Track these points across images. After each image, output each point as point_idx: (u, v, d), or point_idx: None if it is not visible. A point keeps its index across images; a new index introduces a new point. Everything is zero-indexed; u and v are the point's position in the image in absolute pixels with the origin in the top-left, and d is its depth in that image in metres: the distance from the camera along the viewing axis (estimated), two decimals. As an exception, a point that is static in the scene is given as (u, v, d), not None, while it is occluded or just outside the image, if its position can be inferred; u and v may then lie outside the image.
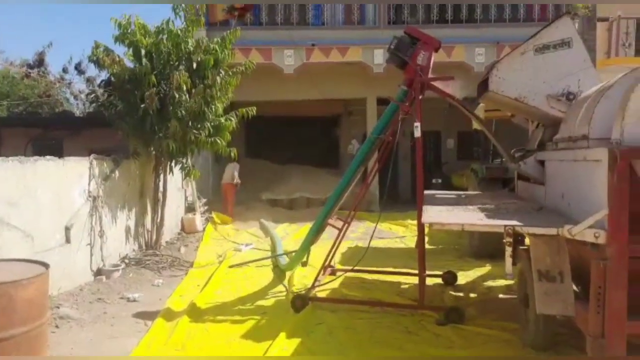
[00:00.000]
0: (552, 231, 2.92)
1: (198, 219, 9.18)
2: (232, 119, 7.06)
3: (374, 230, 5.55)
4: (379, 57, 10.10)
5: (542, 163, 4.27)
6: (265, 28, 10.95)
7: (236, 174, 10.23)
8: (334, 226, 5.29)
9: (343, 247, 7.21)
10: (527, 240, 3.86)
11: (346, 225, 5.19)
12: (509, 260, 3.07)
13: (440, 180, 13.12)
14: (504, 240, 3.05)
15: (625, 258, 2.69)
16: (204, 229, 9.16)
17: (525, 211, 3.78)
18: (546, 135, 4.39)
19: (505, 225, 3.00)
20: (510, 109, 5.03)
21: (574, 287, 3.29)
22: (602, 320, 2.74)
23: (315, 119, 15.21)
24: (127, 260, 6.53)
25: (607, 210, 2.69)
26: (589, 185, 3.02)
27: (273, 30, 10.84)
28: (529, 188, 4.70)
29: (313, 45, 10.65)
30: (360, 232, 8.91)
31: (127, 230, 6.78)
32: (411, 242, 8.01)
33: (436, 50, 4.82)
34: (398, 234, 9.17)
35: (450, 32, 10.62)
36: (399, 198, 13.71)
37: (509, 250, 3.04)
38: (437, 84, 4.74)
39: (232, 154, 7.15)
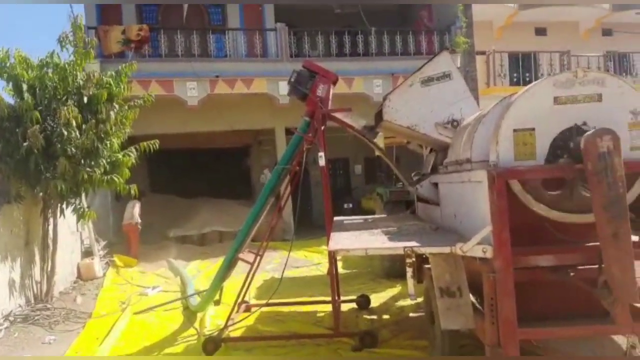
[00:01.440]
0: (446, 249, 3.10)
1: (97, 264, 8.41)
2: (131, 154, 6.67)
3: (286, 260, 5.53)
4: (284, 88, 10.29)
5: (436, 185, 4.56)
6: (165, 60, 10.69)
7: (137, 212, 9.59)
8: (245, 260, 5.18)
9: (258, 280, 7.05)
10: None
11: (258, 257, 5.12)
12: (410, 281, 3.19)
13: (351, 205, 13.51)
14: (405, 262, 3.17)
15: (510, 269, 2.92)
16: (104, 274, 8.41)
17: (424, 232, 3.99)
18: (438, 160, 4.72)
19: (405, 247, 3.13)
20: (405, 136, 5.36)
21: (474, 301, 3.52)
22: (497, 330, 2.93)
23: (225, 150, 15.00)
24: (11, 318, 5.72)
25: (491, 226, 2.92)
26: (475, 204, 3.28)
27: (174, 62, 10.63)
28: (427, 209, 5.00)
29: (217, 76, 10.58)
30: (276, 263, 8.80)
31: (11, 283, 5.97)
32: (327, 268, 8.04)
33: (334, 83, 5.03)
34: (313, 261, 9.20)
35: (350, 65, 11.23)
36: (313, 224, 13.84)
37: (409, 271, 3.16)
38: (337, 114, 4.92)
39: (132, 192, 6.71)
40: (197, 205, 12.53)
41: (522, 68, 13.92)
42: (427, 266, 4.84)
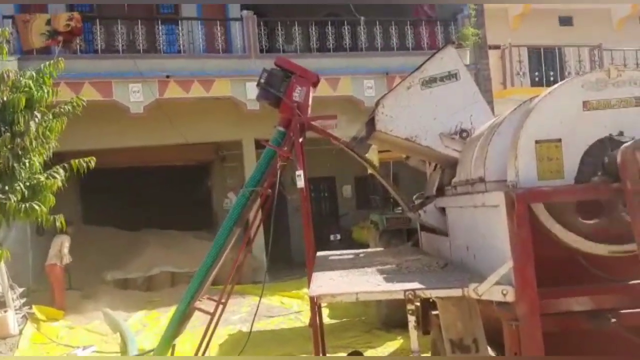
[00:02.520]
0: (457, 292, 3.09)
1: (11, 318, 8.20)
2: (58, 175, 6.55)
3: (257, 309, 5.48)
4: (252, 91, 10.33)
5: (443, 210, 4.59)
6: (101, 57, 10.69)
7: (64, 250, 9.40)
8: (203, 310, 5.13)
9: (221, 335, 6.98)
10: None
11: (221, 306, 5.08)
12: (414, 333, 3.17)
13: (338, 236, 13.51)
14: (407, 308, 3.15)
15: (537, 316, 2.92)
16: (20, 331, 8.19)
17: (429, 269, 3.98)
18: (445, 179, 4.76)
19: (406, 290, 3.11)
20: (403, 150, 5.41)
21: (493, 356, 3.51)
22: (523, 393, 2.91)
23: (178, 168, 14.95)
24: None
25: (512, 262, 2.93)
26: (491, 235, 3.29)
27: (113, 60, 10.63)
28: (432, 241, 5.01)
29: (168, 77, 10.58)
30: (245, 312, 8.78)
31: None
32: (308, 317, 7.98)
33: (314, 85, 5.07)
34: (292, 309, 9.14)
35: (334, 63, 11.40)
36: (291, 261, 13.78)
37: (412, 320, 3.14)
38: (318, 123, 4.94)
39: (58, 223, 6.57)
40: (143, 240, 12.40)
41: (545, 65, 14.31)
42: (434, 313, 4.81)
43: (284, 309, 9.16)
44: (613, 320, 3.13)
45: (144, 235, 12.78)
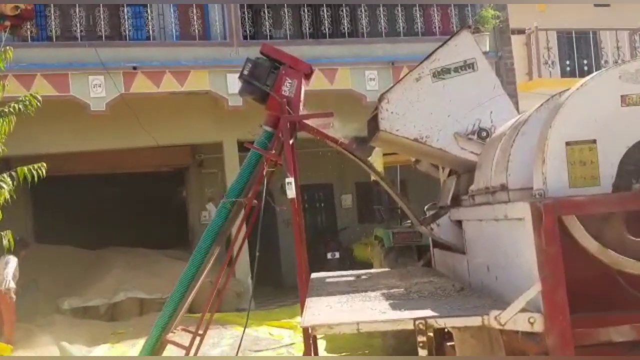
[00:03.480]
0: (476, 321, 3.09)
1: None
2: (4, 184, 6.54)
3: (241, 341, 5.45)
4: (234, 85, 10.33)
5: (459, 224, 4.59)
6: (56, 44, 10.66)
7: (11, 273, 9.33)
8: (177, 344, 5.12)
9: (198, 372, 6.92)
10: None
11: (198, 338, 5.06)
12: (425, 370, 3.17)
13: (337, 254, 13.51)
14: (417, 341, 3.14)
15: (570, 348, 2.93)
16: (-40, 370, 8.12)
17: (443, 293, 3.99)
18: (461, 186, 4.78)
19: (415, 319, 3.11)
20: (412, 152, 5.42)
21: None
22: None
23: (148, 176, 14.94)
24: None
25: (540, 284, 2.94)
26: (516, 252, 3.30)
27: (71, 48, 10.61)
28: (447, 259, 5.01)
29: (135, 68, 10.57)
30: (227, 345, 8.73)
31: None
32: (302, 351, 7.99)
33: (307, 77, 5.09)
34: (283, 341, 9.11)
35: (331, 51, 11.40)
36: (282, 284, 13.76)
37: (423, 353, 3.14)
38: (312, 122, 4.95)
39: (5, 241, 6.55)
40: (106, 260, 12.33)
41: (578, 52, 14.39)
42: (449, 344, 4.79)
43: (273, 341, 9.10)
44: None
45: (107, 255, 12.69)
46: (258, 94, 5.00)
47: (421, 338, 3.13)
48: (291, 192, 4.77)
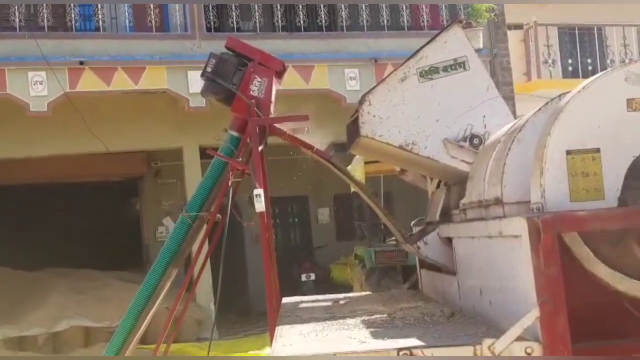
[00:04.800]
0: (468, 350, 3.10)
1: None
2: None
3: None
4: (196, 83, 10.32)
5: (449, 241, 4.63)
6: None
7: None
8: (128, 380, 5.08)
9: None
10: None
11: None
12: (411, 407, 3.17)
13: (312, 276, 13.52)
14: (402, 374, 3.15)
15: (572, 381, 2.96)
16: None
17: (431, 320, 4.01)
18: (451, 199, 4.81)
19: (399, 349, 3.11)
20: (396, 161, 5.44)
21: None
22: None
23: (96, 186, 14.84)
24: None
25: (538, 310, 2.97)
26: (512, 274, 3.33)
27: (7, 40, 10.57)
28: (436, 281, 5.03)
29: (82, 63, 10.50)
30: (185, 380, 8.70)
31: None
32: (271, 386, 7.97)
33: (279, 75, 5.11)
34: (250, 375, 9.11)
35: (306, 46, 11.45)
36: (250, 310, 13.73)
37: (409, 390, 3.14)
38: (284, 126, 4.97)
39: None
40: (47, 283, 12.23)
41: (581, 50, 14.63)
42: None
43: (240, 375, 9.10)
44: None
45: (47, 277, 12.59)
46: (223, 94, 5.02)
47: (406, 371, 3.15)
48: (260, 205, 4.78)
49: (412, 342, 3.27)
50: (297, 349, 3.45)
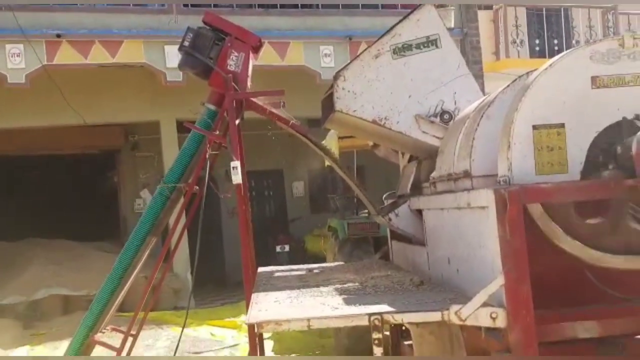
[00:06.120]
0: (436, 316, 3.16)
1: None
2: None
3: (178, 342, 5.45)
4: (173, 57, 10.21)
5: (420, 213, 4.68)
6: (-32, 7, 10.30)
7: None
8: (107, 345, 5.11)
9: (130, 377, 6.89)
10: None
11: (130, 339, 5.08)
12: (379, 369, 3.23)
13: (287, 247, 13.58)
14: (372, 338, 3.20)
15: (534, 345, 3.01)
16: None
17: (401, 288, 4.07)
18: (422, 173, 4.86)
19: (370, 315, 3.16)
20: (369, 135, 5.47)
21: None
22: None
23: (74, 158, 14.69)
24: None
25: (503, 277, 3.02)
26: (478, 244, 3.39)
27: (-16, 13, 10.27)
28: (406, 252, 5.10)
29: (59, 36, 10.32)
30: (163, 347, 8.74)
31: None
32: (246, 352, 8.01)
33: (256, 51, 5.08)
34: (226, 341, 9.14)
35: (282, 22, 11.35)
36: (226, 280, 13.77)
37: (379, 351, 3.19)
38: (260, 100, 4.95)
39: None
40: (25, 253, 12.13)
41: (548, 31, 14.73)
42: (407, 343, 4.88)
43: (215, 342, 9.12)
44: (626, 348, 3.28)
45: (26, 247, 12.47)
46: (200, 68, 4.98)
47: (376, 335, 3.18)
48: (237, 177, 4.77)
49: (383, 308, 3.33)
50: (272, 314, 3.48)
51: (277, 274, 5.60)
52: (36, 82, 10.41)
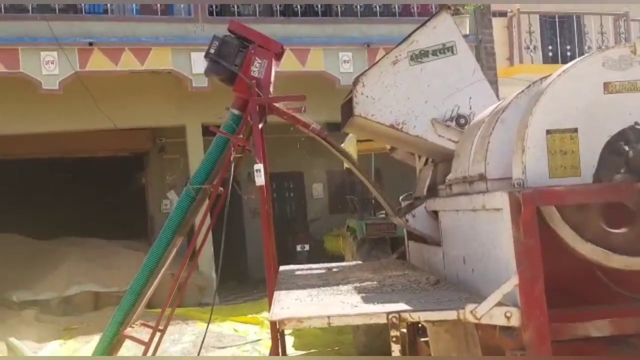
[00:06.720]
0: (451, 315, 3.15)
1: None
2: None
3: (204, 337, 5.48)
4: (199, 64, 10.28)
5: (436, 215, 4.66)
6: (6, 17, 10.44)
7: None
8: (136, 339, 5.14)
9: (158, 370, 6.93)
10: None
11: (158, 334, 5.09)
12: (398, 366, 3.22)
13: (307, 247, 13.58)
14: (390, 336, 3.20)
15: (547, 343, 3.00)
16: None
17: (418, 287, 4.05)
18: (438, 175, 4.84)
19: (388, 313, 3.15)
20: (387, 139, 5.46)
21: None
22: None
23: (105, 161, 14.81)
24: None
25: (517, 278, 3.01)
26: (493, 244, 3.37)
27: (21, 21, 10.41)
28: (422, 251, 5.08)
29: (91, 44, 10.43)
30: (188, 342, 8.77)
31: None
32: (268, 348, 8.03)
33: (278, 57, 5.09)
34: (249, 337, 9.17)
35: (303, 30, 11.39)
36: (248, 277, 13.81)
37: (396, 349, 3.19)
38: (282, 105, 4.96)
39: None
40: (59, 251, 12.24)
41: (561, 37, 14.60)
42: (423, 340, 4.86)
43: (238, 338, 9.12)
44: (637, 347, 3.24)
45: (59, 246, 12.58)
46: (225, 75, 4.99)
47: (394, 332, 3.18)
48: (260, 179, 4.78)
49: (400, 306, 3.32)
50: (294, 311, 3.49)
51: (297, 273, 5.60)
52: (69, 88, 10.53)
